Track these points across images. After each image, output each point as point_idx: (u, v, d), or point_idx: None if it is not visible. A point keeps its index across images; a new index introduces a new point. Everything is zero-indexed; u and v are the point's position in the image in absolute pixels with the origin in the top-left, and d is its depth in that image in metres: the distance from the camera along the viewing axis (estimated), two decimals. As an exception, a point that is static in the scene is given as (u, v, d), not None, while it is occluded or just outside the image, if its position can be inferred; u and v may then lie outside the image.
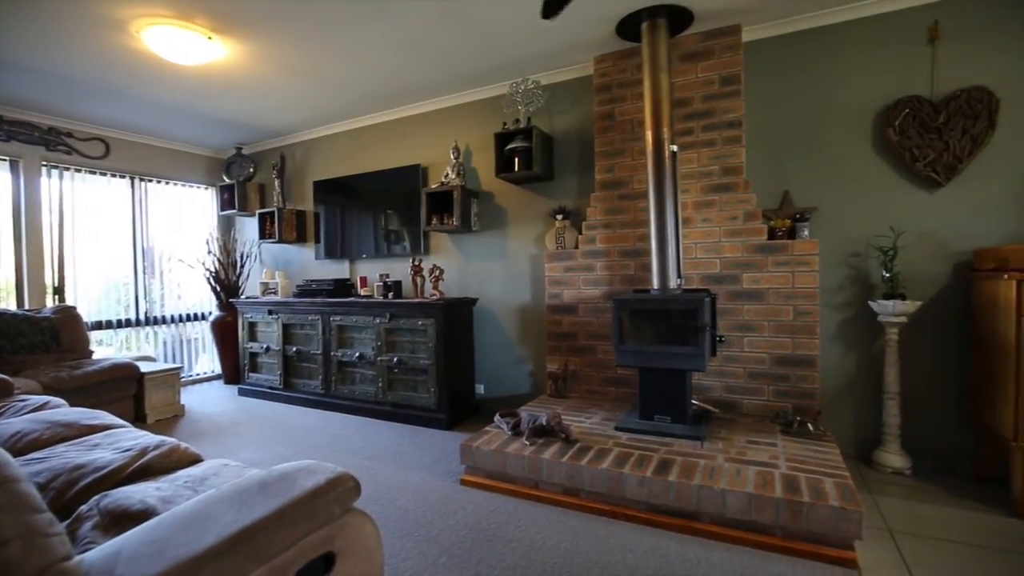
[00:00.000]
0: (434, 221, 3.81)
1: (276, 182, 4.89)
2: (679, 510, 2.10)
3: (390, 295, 3.92)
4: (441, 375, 3.49)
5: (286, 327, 4.31)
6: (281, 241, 4.81)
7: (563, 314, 3.42)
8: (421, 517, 2.23)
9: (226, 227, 5.51)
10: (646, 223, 3.04)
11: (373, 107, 4.22)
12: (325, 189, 4.66)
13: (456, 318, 3.65)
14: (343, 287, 4.33)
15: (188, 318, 5.21)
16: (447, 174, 3.83)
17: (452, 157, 3.83)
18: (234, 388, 4.84)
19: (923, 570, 1.80)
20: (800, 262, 2.75)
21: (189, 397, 4.52)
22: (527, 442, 2.53)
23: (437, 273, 3.70)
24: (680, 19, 2.82)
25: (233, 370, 5.00)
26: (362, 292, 4.18)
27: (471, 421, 3.66)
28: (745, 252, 2.88)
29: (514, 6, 2.69)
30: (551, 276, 3.45)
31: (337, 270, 4.72)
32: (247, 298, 4.69)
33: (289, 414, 3.96)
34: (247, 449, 3.17)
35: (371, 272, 4.43)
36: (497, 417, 2.83)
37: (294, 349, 4.24)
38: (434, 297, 3.63)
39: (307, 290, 4.34)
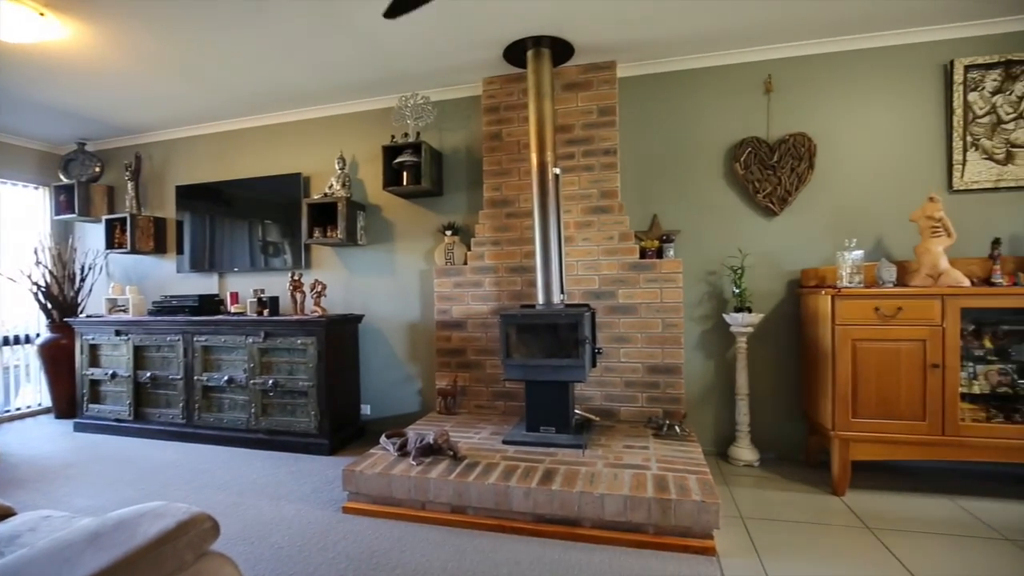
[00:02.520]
0: (316, 234, 3.62)
1: (130, 185, 4.32)
2: (562, 518, 2.17)
3: (265, 312, 3.62)
4: (323, 397, 3.29)
5: (139, 349, 3.79)
6: (135, 251, 4.23)
7: (452, 330, 3.41)
8: (297, 553, 2.07)
9: (63, 234, 4.73)
10: (532, 241, 3.16)
11: (249, 110, 3.92)
12: (191, 195, 4.21)
13: (340, 336, 3.48)
14: (210, 303, 3.92)
15: (6, 341, 4.36)
16: (331, 185, 3.66)
17: (337, 167, 3.67)
18: (69, 423, 4.13)
19: (767, 549, 2.04)
20: (667, 279, 3.04)
21: (5, 437, 3.77)
22: (414, 462, 2.47)
23: (319, 288, 3.50)
24: (563, 50, 3.00)
25: (68, 402, 4.27)
26: (233, 309, 3.82)
27: (356, 444, 3.48)
28: (620, 270, 3.11)
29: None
30: (440, 292, 3.44)
31: (204, 285, 4.26)
32: (88, 317, 4.05)
33: (141, 450, 3.47)
34: (82, 495, 2.71)
35: (244, 287, 4.07)
36: (383, 438, 2.73)
37: (148, 374, 3.73)
38: (315, 314, 3.43)
39: (166, 307, 3.86)
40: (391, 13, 2.10)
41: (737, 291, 2.97)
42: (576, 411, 2.95)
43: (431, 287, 3.61)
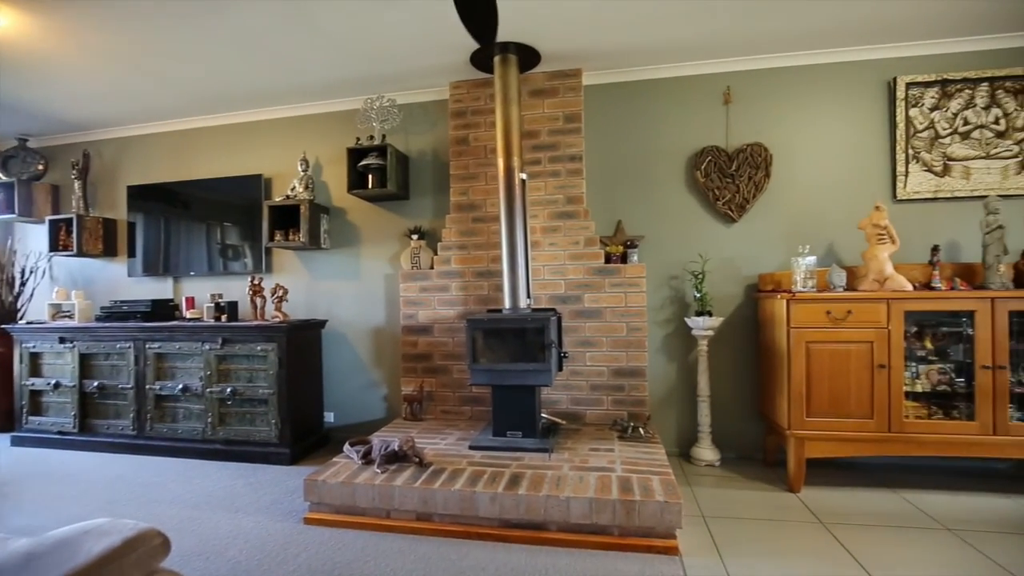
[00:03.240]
0: (278, 237, 3.52)
1: (76, 184, 4.10)
2: (529, 522, 2.17)
3: (223, 318, 3.50)
4: (284, 405, 3.20)
5: (85, 357, 3.59)
6: (81, 254, 4.02)
7: (418, 335, 3.38)
8: (255, 567, 2.00)
9: (1, 235, 4.45)
10: (499, 245, 3.17)
11: (208, 108, 3.79)
12: (144, 196, 4.03)
13: (302, 342, 3.39)
14: (164, 309, 3.76)
15: (-64, 350, 4.06)
16: (294, 187, 3.58)
17: (300, 169, 3.59)
18: (6, 437, 3.88)
19: (728, 546, 2.10)
20: (631, 284, 3.09)
21: (-67, 453, 3.51)
22: (378, 470, 2.43)
23: (280, 293, 3.41)
24: (529, 57, 3.03)
25: (4, 415, 4.01)
26: (188, 314, 3.67)
27: (319, 453, 3.40)
28: (586, 274, 3.15)
29: (366, 20, 2.65)
30: (406, 296, 3.40)
31: (157, 289, 4.09)
32: (29, 323, 3.82)
33: (87, 463, 3.29)
34: (19, 514, 2.54)
35: (202, 292, 3.92)
36: (347, 446, 2.67)
37: (95, 384, 3.54)
38: (276, 319, 3.33)
39: (116, 312, 3.68)
40: (484, 39, 2.04)
41: (698, 295, 3.05)
42: (543, 415, 2.96)
43: (397, 292, 3.56)
